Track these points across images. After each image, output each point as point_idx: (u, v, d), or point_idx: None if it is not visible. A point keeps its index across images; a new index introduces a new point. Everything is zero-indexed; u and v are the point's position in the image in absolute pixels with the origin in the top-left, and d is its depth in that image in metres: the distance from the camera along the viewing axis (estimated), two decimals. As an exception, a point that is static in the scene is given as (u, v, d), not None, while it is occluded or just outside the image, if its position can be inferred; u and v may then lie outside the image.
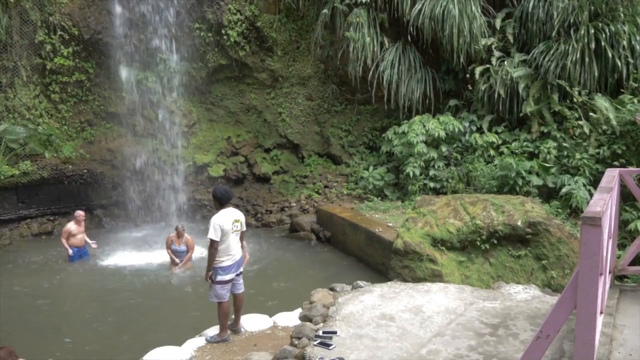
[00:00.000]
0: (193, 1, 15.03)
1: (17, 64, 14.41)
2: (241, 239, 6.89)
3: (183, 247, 11.24)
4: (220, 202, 6.64)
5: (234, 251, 6.63)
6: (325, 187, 15.20)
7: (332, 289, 7.79)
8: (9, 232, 14.10)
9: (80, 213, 11.98)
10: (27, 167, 14.05)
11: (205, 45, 15.48)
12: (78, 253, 11.82)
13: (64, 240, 11.73)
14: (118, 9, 14.82)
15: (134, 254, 12.39)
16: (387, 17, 14.25)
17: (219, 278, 6.59)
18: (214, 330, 6.97)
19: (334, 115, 15.97)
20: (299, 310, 7.51)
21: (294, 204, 15.08)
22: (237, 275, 6.80)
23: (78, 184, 15.08)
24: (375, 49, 14.17)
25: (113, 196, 15.56)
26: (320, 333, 5.95)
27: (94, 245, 11.95)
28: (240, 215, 6.78)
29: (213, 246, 6.48)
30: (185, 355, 6.40)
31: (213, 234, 6.41)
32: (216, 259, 6.54)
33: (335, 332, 5.94)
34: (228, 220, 6.52)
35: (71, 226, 11.76)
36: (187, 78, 15.83)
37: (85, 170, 15.07)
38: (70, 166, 14.85)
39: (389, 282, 8.45)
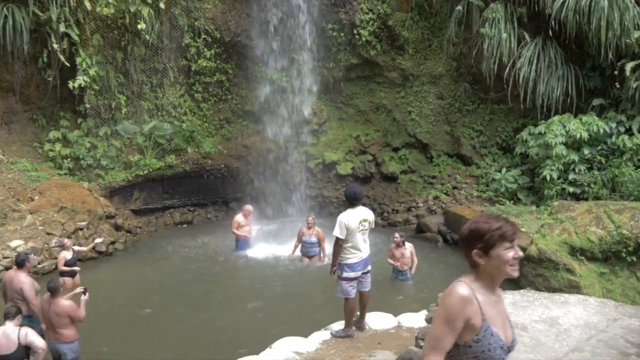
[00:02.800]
0: (327, 2, 15.36)
1: (166, 66, 15.68)
2: None
3: (314, 239, 11.51)
4: (350, 201, 6.72)
5: (360, 249, 6.68)
6: (454, 188, 14.81)
7: (459, 293, 7.57)
8: (154, 220, 15.42)
9: (249, 207, 12.73)
10: (172, 161, 15.24)
11: (338, 45, 15.76)
12: (244, 243, 12.55)
13: (235, 231, 12.49)
14: (256, 12, 15.57)
15: (269, 247, 12.93)
16: (526, 11, 13.53)
17: (345, 275, 6.68)
18: (339, 325, 7.07)
19: (465, 114, 15.50)
20: (424, 312, 7.40)
21: (421, 204, 14.87)
22: (364, 273, 6.83)
23: (216, 178, 16.09)
24: (512, 46, 13.52)
25: (247, 190, 16.39)
26: (448, 337, 5.81)
27: (255, 230, 12.80)
28: (369, 215, 6.80)
29: (337, 243, 6.59)
30: (311, 347, 6.57)
31: (338, 232, 6.51)
32: (342, 255, 6.63)
33: (462, 337, 5.77)
34: (355, 219, 6.57)
35: (239, 218, 12.53)
36: (319, 77, 16.22)
37: (222, 165, 16.04)
38: (210, 161, 15.89)
39: (522, 290, 8.04)
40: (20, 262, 7.20)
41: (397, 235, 10.19)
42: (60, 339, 6.37)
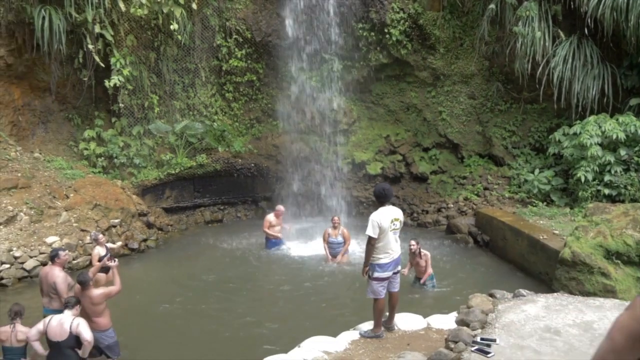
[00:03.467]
0: (357, 2, 15.32)
1: (198, 66, 15.87)
2: None
3: (340, 239, 11.47)
4: (380, 199, 6.69)
5: (392, 249, 6.64)
6: (485, 189, 14.61)
7: (491, 295, 7.47)
8: (185, 218, 15.62)
9: (280, 207, 12.82)
10: (203, 160, 15.41)
11: (368, 45, 15.70)
12: (274, 243, 12.65)
13: (266, 230, 12.60)
14: (287, 12, 15.62)
15: (298, 246, 12.98)
16: (560, 9, 13.26)
17: (376, 275, 6.65)
18: (368, 326, 7.05)
19: (497, 114, 15.27)
20: (454, 314, 7.32)
21: (452, 205, 14.72)
22: (394, 273, 6.80)
23: (246, 177, 16.21)
24: (546, 44, 13.27)
25: (276, 189, 16.47)
26: (478, 339, 5.74)
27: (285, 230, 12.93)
28: (400, 214, 6.76)
29: (370, 242, 6.56)
30: (339, 347, 6.56)
31: (371, 231, 6.48)
32: (374, 255, 6.60)
33: (494, 340, 5.69)
34: (387, 218, 6.54)
35: (271, 218, 12.66)
36: (349, 77, 16.19)
37: (252, 164, 16.16)
38: (240, 160, 16.01)
39: (555, 294, 7.87)
40: (52, 257, 7.50)
41: (412, 242, 9.80)
42: (95, 327, 6.62)
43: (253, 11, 15.80)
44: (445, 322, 7.20)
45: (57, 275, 7.24)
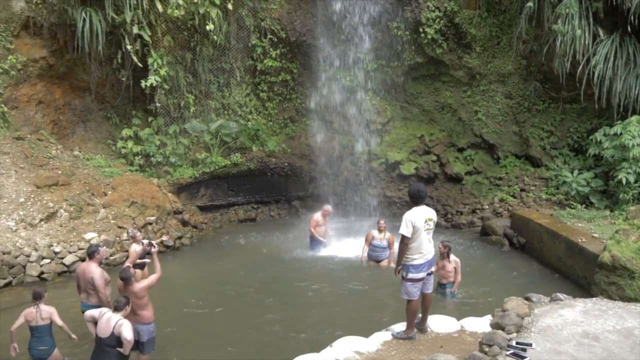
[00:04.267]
0: (392, 1, 15.23)
1: (233, 66, 16.03)
2: None
3: (385, 243, 11.18)
4: (414, 199, 6.63)
5: (426, 249, 6.58)
6: (522, 190, 14.33)
7: (527, 299, 7.33)
8: (219, 216, 15.80)
9: (328, 208, 12.66)
10: (237, 159, 15.56)
11: (402, 44, 15.59)
12: (318, 243, 12.52)
13: (312, 230, 12.52)
14: (321, 12, 15.63)
15: (333, 246, 12.92)
16: (602, 6, 12.91)
17: (410, 275, 6.59)
18: (400, 327, 7.00)
19: (535, 114, 14.96)
20: (488, 317, 7.21)
21: (487, 207, 14.49)
22: (428, 274, 6.74)
23: (279, 176, 16.30)
24: (586, 42, 12.93)
25: (309, 189, 16.51)
26: (514, 343, 5.64)
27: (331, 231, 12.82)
28: (433, 214, 6.70)
29: (403, 242, 6.51)
30: (371, 348, 6.53)
31: (404, 230, 6.43)
32: (408, 256, 6.55)
33: (530, 345, 5.58)
34: (420, 218, 6.48)
35: (318, 217, 12.55)
36: (383, 76, 16.11)
37: (286, 164, 16.23)
38: (274, 159, 16.11)
39: (594, 299, 7.69)
40: (90, 253, 7.65)
41: (440, 245, 9.39)
42: (139, 320, 6.82)
43: (288, 11, 15.87)
44: (480, 325, 7.09)
45: (94, 271, 7.41)
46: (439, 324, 7.20)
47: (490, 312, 7.32)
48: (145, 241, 8.42)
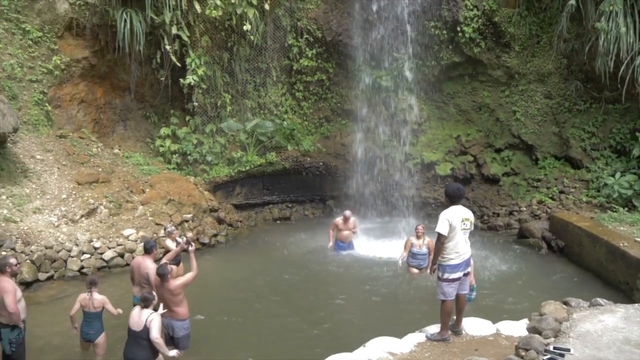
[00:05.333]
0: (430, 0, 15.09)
1: (269, 66, 16.15)
2: None
3: (424, 250, 10.56)
4: (451, 199, 6.55)
5: (462, 249, 6.49)
6: (561, 192, 14.01)
7: (565, 303, 7.16)
8: (254, 214, 15.94)
9: (347, 213, 12.41)
10: (272, 158, 15.66)
11: (439, 43, 15.44)
12: (342, 246, 12.39)
13: (330, 232, 12.48)
14: (357, 11, 15.60)
15: (365, 246, 12.90)
16: (648, 3, 12.53)
17: (446, 276, 6.51)
18: (434, 328, 6.92)
19: (576, 114, 14.61)
20: (525, 321, 7.06)
21: (524, 209, 14.22)
22: (464, 275, 6.65)
23: (314, 176, 16.34)
24: (631, 40, 12.56)
25: (344, 188, 16.49)
26: (551, 348, 5.51)
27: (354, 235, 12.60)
28: (470, 215, 6.59)
29: (440, 240, 6.43)
30: (405, 349, 6.48)
31: (441, 228, 6.35)
32: (444, 256, 6.47)
33: (568, 350, 5.45)
34: (457, 217, 6.39)
35: (339, 222, 12.43)
36: (419, 76, 15.97)
37: (321, 163, 16.26)
38: (309, 159, 16.16)
39: (636, 304, 7.44)
40: (148, 248, 7.88)
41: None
42: (174, 316, 6.98)
43: (324, 11, 15.89)
44: (516, 328, 6.95)
45: (150, 267, 7.62)
46: (474, 326, 7.09)
47: (527, 316, 7.17)
48: (184, 239, 8.54)
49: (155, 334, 6.29)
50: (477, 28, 14.76)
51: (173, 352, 6.56)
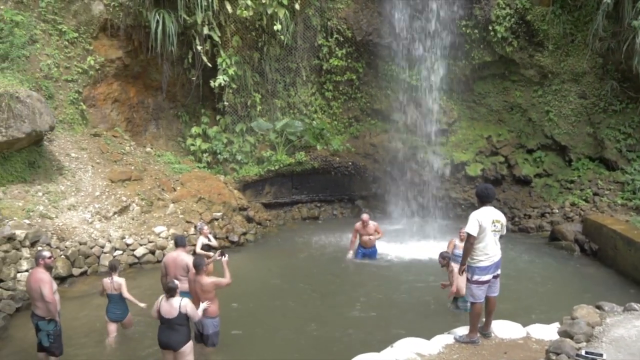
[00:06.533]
0: (461, -1, 14.96)
1: (299, 65, 16.21)
2: None
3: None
4: (480, 199, 6.49)
5: (492, 251, 6.40)
6: (595, 194, 13.71)
7: (598, 307, 7.01)
8: (283, 214, 16.02)
9: (364, 216, 11.89)
10: (302, 157, 15.72)
11: (471, 42, 15.28)
12: (363, 252, 11.93)
13: (352, 239, 12.10)
14: (388, 11, 15.53)
15: (393, 247, 12.83)
16: (688, 1, 12.19)
17: (475, 277, 6.44)
18: (463, 330, 6.86)
19: (611, 115, 14.28)
20: (556, 325, 6.94)
21: (557, 211, 13.97)
22: (494, 277, 6.57)
23: (343, 175, 16.34)
24: (670, 39, 12.24)
25: (373, 188, 16.46)
26: (583, 353, 5.41)
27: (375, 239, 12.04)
28: (501, 217, 6.50)
29: (469, 241, 6.36)
30: (433, 350, 6.43)
31: (471, 228, 6.28)
32: (474, 257, 6.40)
33: (601, 355, 5.34)
34: (487, 218, 6.32)
35: (358, 226, 11.88)
36: (450, 76, 15.82)
37: (350, 163, 16.25)
38: (338, 158, 16.17)
39: (672, 309, 7.26)
40: (180, 243, 8.22)
41: (440, 258, 8.96)
42: (204, 313, 7.04)
43: (354, 10, 15.88)
44: (547, 332, 6.84)
45: (186, 258, 7.90)
46: (504, 329, 7.00)
47: (558, 320, 7.05)
48: (218, 252, 8.55)
49: (196, 312, 6.66)
50: (510, 27, 14.55)
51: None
